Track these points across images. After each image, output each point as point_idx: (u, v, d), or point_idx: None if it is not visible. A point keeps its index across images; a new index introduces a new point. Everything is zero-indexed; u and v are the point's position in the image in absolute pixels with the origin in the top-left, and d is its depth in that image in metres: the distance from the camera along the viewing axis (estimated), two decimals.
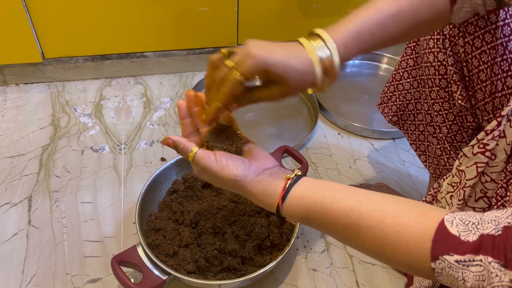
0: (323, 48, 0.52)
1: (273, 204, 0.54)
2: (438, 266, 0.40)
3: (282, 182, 0.54)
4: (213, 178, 0.55)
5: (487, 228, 0.38)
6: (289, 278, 0.88)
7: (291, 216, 0.53)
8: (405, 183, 1.07)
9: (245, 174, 0.54)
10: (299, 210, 0.52)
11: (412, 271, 0.45)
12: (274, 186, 0.54)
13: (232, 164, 0.54)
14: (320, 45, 0.52)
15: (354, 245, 0.49)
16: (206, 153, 0.55)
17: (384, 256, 0.46)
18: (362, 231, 0.46)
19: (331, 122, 1.22)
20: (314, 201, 0.50)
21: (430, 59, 0.71)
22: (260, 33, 1.31)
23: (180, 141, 0.57)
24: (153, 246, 0.83)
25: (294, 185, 0.53)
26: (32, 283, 0.85)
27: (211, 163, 0.54)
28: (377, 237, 0.45)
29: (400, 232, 0.43)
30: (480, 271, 0.37)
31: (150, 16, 1.21)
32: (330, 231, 0.50)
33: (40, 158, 1.09)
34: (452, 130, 0.73)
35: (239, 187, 0.55)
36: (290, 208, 0.53)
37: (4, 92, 1.27)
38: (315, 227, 0.52)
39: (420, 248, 0.41)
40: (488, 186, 0.56)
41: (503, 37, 0.60)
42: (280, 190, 0.53)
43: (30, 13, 1.15)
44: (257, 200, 0.55)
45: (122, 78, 1.34)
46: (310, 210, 0.51)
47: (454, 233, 0.39)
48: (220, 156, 0.55)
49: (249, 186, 0.54)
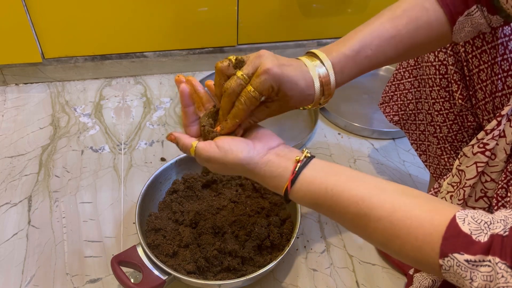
0: (320, 66, 0.53)
1: (281, 187, 0.52)
2: (446, 264, 0.39)
3: (291, 165, 0.52)
4: (220, 166, 0.54)
5: (496, 228, 0.38)
6: (289, 278, 0.88)
7: (299, 200, 0.52)
8: (405, 183, 1.06)
9: (250, 156, 0.52)
10: (308, 195, 0.50)
11: (418, 265, 0.44)
12: (283, 169, 0.52)
13: (235, 148, 0.52)
14: (318, 64, 0.53)
15: (363, 235, 0.48)
16: (206, 144, 0.54)
17: (392, 249, 0.45)
18: (371, 222, 0.45)
19: (331, 122, 1.22)
20: (325, 187, 0.49)
21: (430, 59, 0.71)
22: (260, 33, 1.31)
23: (180, 137, 0.56)
24: (153, 246, 0.83)
25: (304, 168, 0.51)
26: (32, 283, 0.85)
27: (213, 151, 0.53)
28: (386, 229, 0.44)
29: (410, 226, 0.43)
30: (488, 271, 0.37)
31: (150, 16, 1.21)
32: (339, 219, 0.49)
33: (40, 158, 1.09)
34: (453, 129, 0.73)
35: (246, 171, 0.53)
36: (299, 192, 0.51)
37: (4, 92, 1.27)
38: (323, 213, 0.51)
39: (430, 244, 0.41)
40: (488, 186, 0.56)
41: (504, 36, 0.60)
42: (289, 173, 0.51)
43: (30, 13, 1.15)
44: (265, 182, 0.54)
45: (122, 78, 1.34)
46: (320, 197, 0.49)
47: (466, 232, 0.39)
48: (221, 142, 0.53)
49: (257, 168, 0.53)
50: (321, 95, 0.54)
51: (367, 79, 1.36)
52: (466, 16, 0.54)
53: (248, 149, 0.53)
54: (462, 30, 0.55)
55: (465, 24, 0.54)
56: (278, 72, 0.50)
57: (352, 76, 0.55)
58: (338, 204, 0.48)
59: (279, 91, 0.51)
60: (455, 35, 0.56)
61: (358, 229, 0.48)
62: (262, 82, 0.50)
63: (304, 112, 1.24)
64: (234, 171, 0.54)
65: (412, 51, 0.56)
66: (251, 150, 0.53)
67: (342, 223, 0.50)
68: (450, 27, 0.54)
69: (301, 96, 0.52)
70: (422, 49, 0.57)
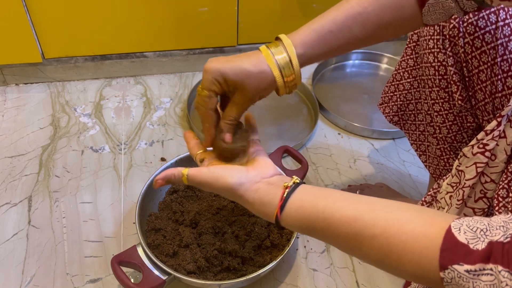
0: (281, 50, 0.55)
1: (271, 214, 0.52)
2: (447, 276, 0.38)
3: (280, 191, 0.52)
4: (213, 190, 0.56)
5: (495, 235, 0.37)
6: (289, 278, 0.88)
7: (291, 226, 0.52)
8: (405, 183, 1.07)
9: (240, 182, 0.53)
10: (299, 220, 0.50)
11: (419, 281, 0.43)
12: (272, 195, 0.52)
13: (226, 174, 0.54)
14: (279, 49, 0.55)
15: (359, 255, 0.47)
16: (197, 170, 0.55)
17: (389, 266, 0.44)
18: (366, 241, 0.44)
19: (331, 122, 1.22)
20: (316, 210, 0.48)
21: (430, 60, 0.70)
22: (260, 33, 1.31)
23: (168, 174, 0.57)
24: (153, 246, 0.83)
25: (292, 194, 0.51)
26: (32, 283, 0.85)
27: (204, 176, 0.54)
28: (382, 246, 0.43)
29: (406, 242, 0.42)
30: (491, 280, 0.36)
31: (150, 16, 1.21)
32: (333, 241, 0.48)
33: (40, 158, 1.09)
34: (452, 130, 0.73)
35: (236, 196, 0.54)
36: (289, 218, 0.51)
37: (4, 92, 1.27)
38: (316, 237, 0.50)
39: (427, 258, 0.40)
40: (488, 186, 0.56)
41: (503, 37, 0.60)
42: (278, 200, 0.51)
43: (30, 13, 1.15)
44: (255, 210, 0.54)
45: (122, 78, 1.34)
46: (311, 220, 0.49)
47: (463, 241, 0.38)
48: (214, 167, 0.55)
49: (246, 195, 0.53)
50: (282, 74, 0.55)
51: (367, 79, 1.36)
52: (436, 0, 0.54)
53: (239, 176, 0.53)
54: (433, 13, 0.55)
55: (436, 7, 0.54)
56: (216, 66, 0.54)
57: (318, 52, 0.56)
58: (330, 226, 0.47)
59: (226, 81, 0.55)
60: (425, 17, 0.56)
61: (354, 250, 0.47)
62: (205, 80, 0.55)
63: (304, 112, 1.24)
64: (225, 195, 0.55)
65: (382, 30, 0.56)
66: (242, 176, 0.53)
67: (337, 245, 0.49)
68: (419, 9, 0.55)
69: (254, 79, 0.54)
70: (393, 30, 0.57)
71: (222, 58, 0.55)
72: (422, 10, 0.55)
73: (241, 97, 0.56)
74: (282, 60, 0.54)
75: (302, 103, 1.27)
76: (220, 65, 0.54)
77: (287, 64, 0.55)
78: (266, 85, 0.55)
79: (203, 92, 0.55)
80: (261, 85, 0.55)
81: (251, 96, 0.56)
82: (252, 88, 0.55)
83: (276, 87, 0.56)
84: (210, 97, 0.55)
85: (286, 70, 0.55)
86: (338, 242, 0.48)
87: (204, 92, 0.55)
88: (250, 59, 0.55)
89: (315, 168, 1.10)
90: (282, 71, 0.55)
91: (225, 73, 0.54)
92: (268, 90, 0.56)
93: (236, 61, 0.54)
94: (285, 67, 0.55)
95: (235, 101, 0.57)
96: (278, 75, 0.55)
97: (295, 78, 0.56)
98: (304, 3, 1.26)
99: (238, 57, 0.55)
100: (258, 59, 0.54)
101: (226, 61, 0.55)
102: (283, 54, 0.54)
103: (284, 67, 0.54)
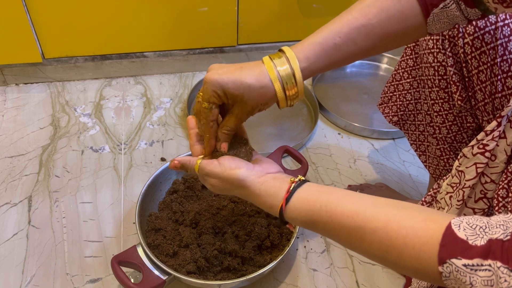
0: (283, 63, 0.53)
1: (276, 206, 0.54)
2: (445, 270, 0.39)
3: (286, 185, 0.54)
4: (218, 181, 0.57)
5: (495, 233, 0.38)
6: (289, 278, 0.88)
7: (295, 220, 0.53)
8: (405, 183, 1.07)
9: (247, 174, 0.56)
10: (303, 213, 0.52)
11: (418, 276, 0.44)
12: (278, 188, 0.54)
13: (234, 165, 0.56)
14: (282, 61, 0.54)
15: (359, 250, 0.48)
16: (209, 160, 0.58)
17: (389, 261, 0.45)
18: (367, 234, 0.46)
19: (331, 122, 1.22)
20: (319, 204, 0.50)
21: (429, 60, 0.70)
22: (260, 33, 1.31)
23: (185, 159, 0.61)
24: (153, 246, 0.83)
25: (298, 188, 0.53)
26: (32, 283, 0.85)
27: (214, 167, 0.57)
28: (382, 240, 0.44)
29: (406, 236, 0.43)
30: (488, 276, 0.37)
31: (150, 16, 1.21)
32: (334, 236, 0.50)
33: (40, 158, 1.09)
34: (452, 130, 0.73)
35: (242, 187, 0.56)
36: (294, 211, 0.53)
37: (4, 92, 1.27)
38: (318, 231, 0.52)
39: (427, 252, 0.41)
40: (488, 187, 0.56)
41: (503, 37, 0.60)
42: (284, 192, 0.53)
43: (30, 13, 1.15)
44: (259, 202, 0.55)
45: (122, 78, 1.34)
46: (315, 214, 0.50)
47: (462, 237, 0.39)
48: (223, 159, 0.58)
49: (252, 186, 0.55)
50: (284, 88, 0.54)
51: (367, 79, 1.36)
52: (441, 9, 0.53)
53: (247, 168, 0.57)
54: (437, 22, 0.55)
55: (441, 16, 0.54)
56: (215, 78, 0.53)
57: (322, 65, 0.55)
58: (333, 219, 0.49)
59: (226, 94, 0.54)
60: (430, 27, 0.55)
61: (355, 244, 0.48)
62: (205, 91, 0.54)
63: (304, 112, 1.25)
64: (231, 187, 0.57)
65: (386, 41, 0.56)
66: (249, 169, 0.56)
67: (338, 240, 0.50)
68: (424, 18, 0.54)
69: (255, 93, 0.54)
70: (397, 40, 0.57)
71: (224, 68, 0.54)
72: (427, 20, 0.54)
73: (240, 110, 0.56)
74: (284, 72, 0.53)
75: (302, 103, 1.27)
76: (221, 78, 0.53)
77: (290, 77, 0.53)
78: (267, 99, 0.55)
79: (204, 104, 0.55)
80: (261, 100, 0.55)
81: (251, 109, 0.56)
82: (253, 102, 0.55)
83: (277, 100, 0.56)
84: (210, 109, 0.56)
85: (288, 83, 0.54)
86: (340, 235, 0.49)
87: (204, 104, 0.55)
88: (252, 72, 0.53)
89: (315, 168, 1.10)
90: (285, 84, 0.54)
91: (226, 87, 0.53)
92: (268, 104, 0.56)
93: (238, 74, 0.53)
94: (288, 81, 0.54)
95: (233, 112, 0.57)
96: (279, 89, 0.54)
97: (297, 92, 0.55)
98: (304, 3, 1.26)
99: (240, 68, 0.54)
100: (260, 72, 0.53)
101: (227, 73, 0.53)
102: (286, 66, 0.53)
103: (287, 81, 0.54)
